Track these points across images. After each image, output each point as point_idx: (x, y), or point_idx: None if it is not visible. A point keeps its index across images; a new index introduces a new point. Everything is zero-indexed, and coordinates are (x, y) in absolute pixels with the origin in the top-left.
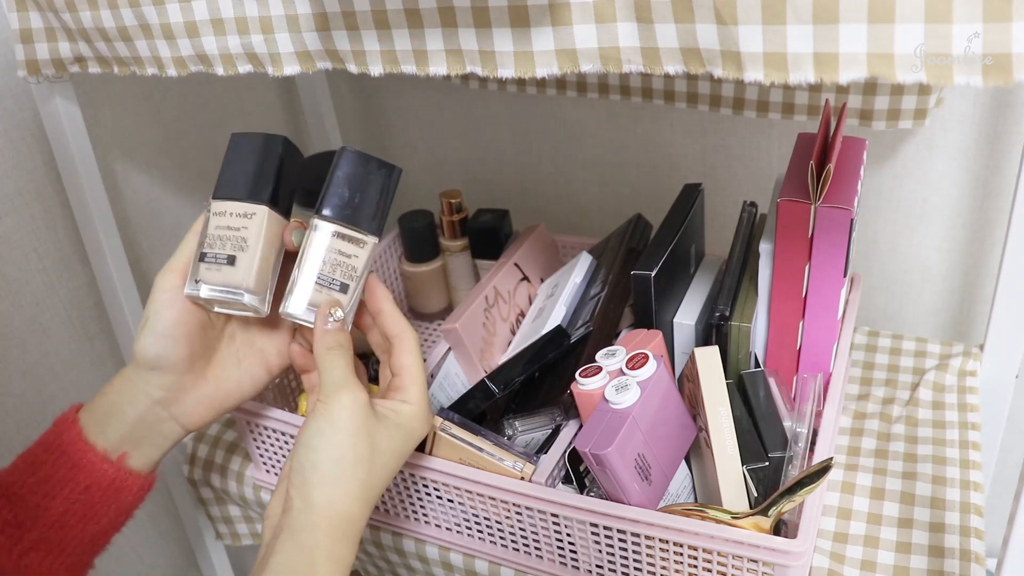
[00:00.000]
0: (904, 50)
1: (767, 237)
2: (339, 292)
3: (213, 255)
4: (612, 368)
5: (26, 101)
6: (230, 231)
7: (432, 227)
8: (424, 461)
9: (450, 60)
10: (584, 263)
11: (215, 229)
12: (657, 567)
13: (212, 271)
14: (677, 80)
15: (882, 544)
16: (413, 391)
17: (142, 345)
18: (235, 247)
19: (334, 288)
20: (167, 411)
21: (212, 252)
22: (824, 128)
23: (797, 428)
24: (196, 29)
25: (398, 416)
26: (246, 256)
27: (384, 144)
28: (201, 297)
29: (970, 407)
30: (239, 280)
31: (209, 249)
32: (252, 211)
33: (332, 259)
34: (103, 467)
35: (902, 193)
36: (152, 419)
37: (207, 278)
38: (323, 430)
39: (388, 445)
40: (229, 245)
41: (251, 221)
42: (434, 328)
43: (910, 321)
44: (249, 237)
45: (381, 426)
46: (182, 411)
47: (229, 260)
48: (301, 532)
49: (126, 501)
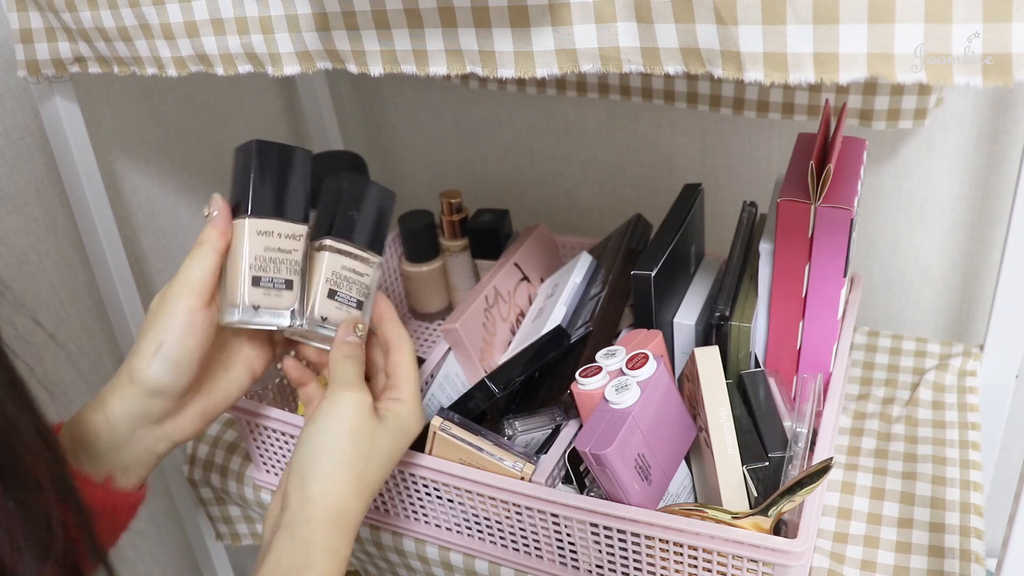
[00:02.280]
0: (904, 50)
1: (767, 237)
2: (356, 309)
3: (270, 279)
4: (612, 368)
5: (26, 101)
6: (281, 253)
7: (432, 227)
8: (424, 461)
9: (450, 60)
10: (584, 263)
11: (264, 251)
12: (657, 567)
13: (271, 296)
14: (677, 80)
15: (882, 544)
16: (407, 390)
17: (155, 372)
18: (290, 270)
19: (351, 305)
20: (161, 430)
21: (268, 276)
22: (824, 128)
23: (797, 428)
24: (196, 29)
25: (395, 416)
26: (299, 280)
27: (384, 144)
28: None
29: (970, 407)
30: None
31: (264, 273)
32: (302, 232)
33: (348, 277)
34: (89, 491)
35: (902, 193)
36: (146, 441)
37: (266, 303)
38: (327, 426)
39: (386, 444)
40: (284, 268)
41: (299, 243)
42: (434, 328)
43: (910, 321)
44: (299, 260)
45: (381, 426)
46: (176, 428)
47: (287, 284)
48: (297, 527)
49: (116, 519)
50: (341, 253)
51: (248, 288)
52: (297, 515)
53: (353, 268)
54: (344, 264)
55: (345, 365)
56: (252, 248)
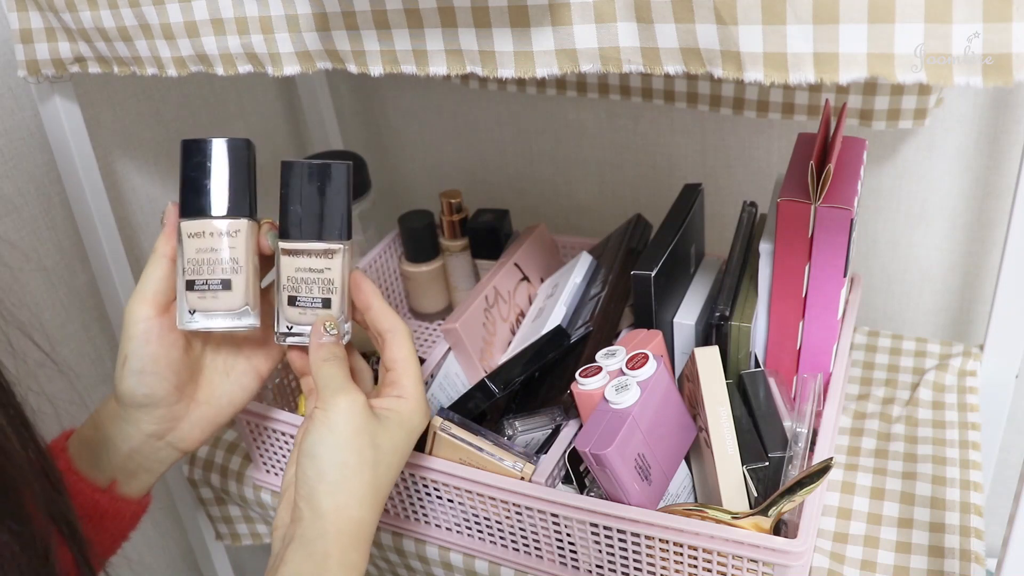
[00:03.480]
0: (904, 50)
1: (767, 237)
2: (322, 308)
3: (203, 281)
4: (612, 368)
5: (26, 101)
6: (213, 252)
7: (432, 227)
8: (424, 461)
9: (450, 60)
10: (584, 263)
11: (196, 253)
12: (657, 567)
13: (208, 299)
14: (677, 80)
15: (882, 544)
16: (408, 385)
17: (127, 387)
18: (226, 270)
19: (316, 306)
20: (162, 441)
21: (202, 279)
22: (824, 128)
23: (797, 428)
24: (196, 29)
25: (397, 414)
26: (240, 277)
27: (384, 144)
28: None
29: (970, 407)
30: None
31: (197, 276)
32: (236, 228)
33: (306, 278)
34: (93, 496)
35: (902, 193)
36: (148, 450)
37: (201, 306)
38: (324, 438)
39: (390, 444)
40: (219, 269)
41: (236, 239)
42: (434, 328)
43: (910, 321)
44: (239, 256)
45: (381, 426)
46: (179, 438)
47: (224, 285)
48: (312, 541)
49: (120, 527)
50: (292, 254)
51: (184, 292)
52: (310, 529)
53: (309, 267)
54: (298, 266)
55: (327, 369)
56: (186, 251)
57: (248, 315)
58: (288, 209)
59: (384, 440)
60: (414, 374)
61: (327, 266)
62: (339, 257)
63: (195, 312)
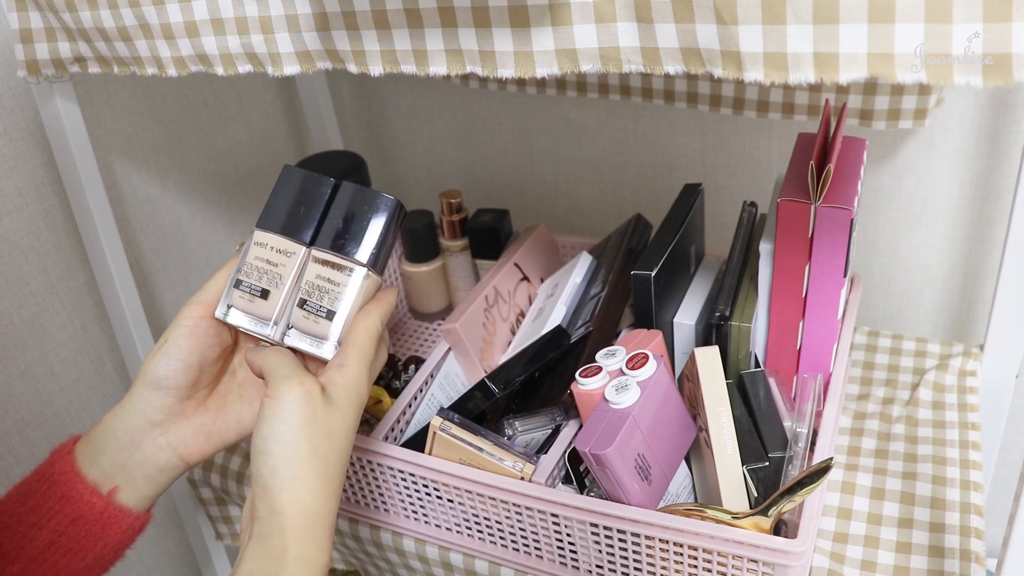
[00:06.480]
0: (904, 50)
1: (767, 237)
2: (325, 319)
3: (249, 285)
4: (612, 368)
5: (26, 101)
6: (268, 264)
7: (432, 227)
8: (424, 461)
9: (450, 60)
10: (584, 263)
11: (255, 259)
12: (657, 567)
13: (245, 300)
14: (677, 80)
15: (882, 544)
16: (350, 354)
17: (154, 364)
18: (270, 282)
19: (320, 315)
20: (164, 438)
21: (248, 282)
22: (824, 128)
23: (797, 428)
24: (196, 29)
25: (342, 389)
26: (278, 292)
27: (384, 144)
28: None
29: (970, 407)
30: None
31: (246, 278)
32: (292, 249)
33: (321, 287)
34: (91, 499)
35: (902, 193)
36: (149, 447)
37: (240, 306)
38: (276, 432)
39: (341, 426)
40: (266, 279)
41: (289, 259)
42: (434, 328)
43: (910, 321)
44: (287, 275)
45: (332, 408)
46: (180, 440)
47: (263, 294)
48: (269, 538)
49: (114, 538)
50: (318, 262)
51: (230, 288)
52: (267, 525)
53: (328, 277)
54: (319, 273)
55: (276, 356)
56: (248, 255)
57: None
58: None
59: (336, 424)
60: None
61: (342, 280)
62: (357, 277)
63: (231, 307)
